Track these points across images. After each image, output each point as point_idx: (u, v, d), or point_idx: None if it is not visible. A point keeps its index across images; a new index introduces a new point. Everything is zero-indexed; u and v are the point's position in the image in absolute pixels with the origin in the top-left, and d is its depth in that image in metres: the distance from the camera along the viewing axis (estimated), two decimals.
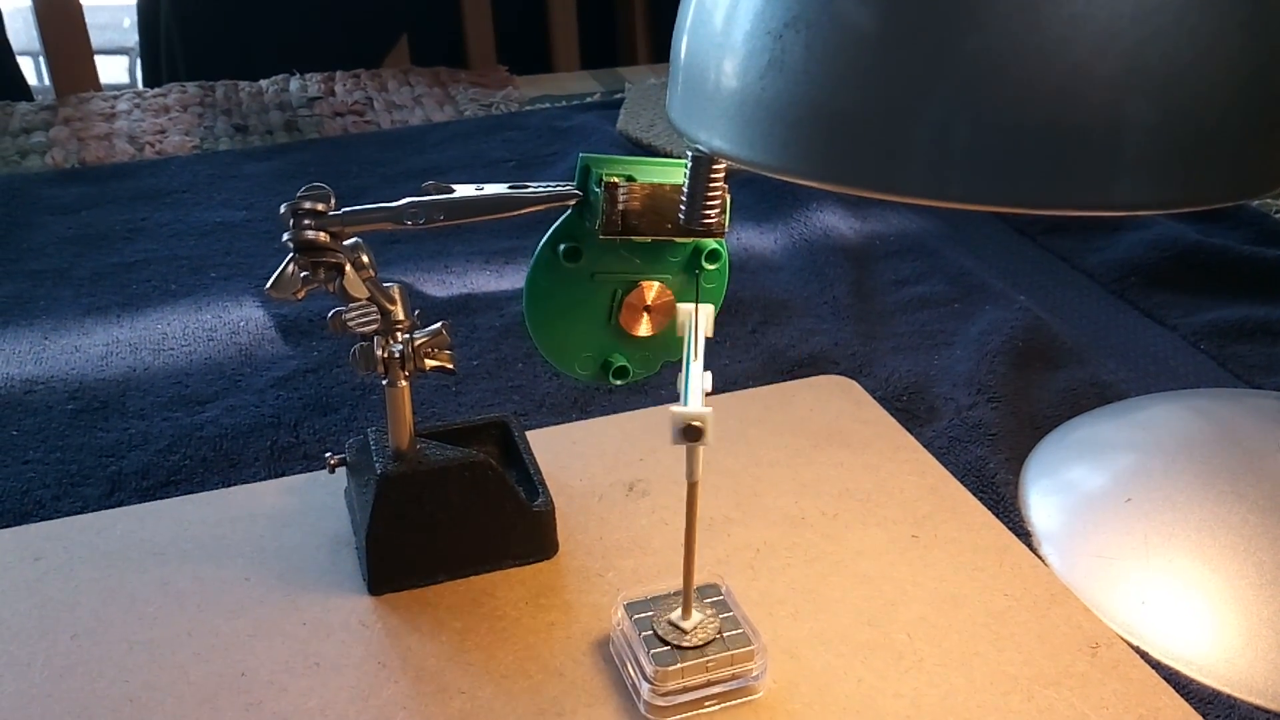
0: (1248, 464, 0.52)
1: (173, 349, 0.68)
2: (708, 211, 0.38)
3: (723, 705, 0.43)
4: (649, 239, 0.41)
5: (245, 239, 0.83)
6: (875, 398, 0.63)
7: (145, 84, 1.39)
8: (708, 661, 0.43)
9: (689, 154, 0.37)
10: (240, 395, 0.64)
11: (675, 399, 0.64)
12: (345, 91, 1.21)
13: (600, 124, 1.05)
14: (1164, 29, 0.31)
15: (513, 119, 1.10)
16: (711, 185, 0.37)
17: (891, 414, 0.62)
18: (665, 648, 0.43)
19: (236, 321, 0.71)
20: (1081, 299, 0.77)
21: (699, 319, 0.38)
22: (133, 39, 1.89)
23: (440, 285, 0.76)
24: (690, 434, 0.38)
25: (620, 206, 0.39)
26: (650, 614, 0.45)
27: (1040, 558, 0.52)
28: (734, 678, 0.43)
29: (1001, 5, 0.32)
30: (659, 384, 0.65)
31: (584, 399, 0.64)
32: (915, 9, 0.32)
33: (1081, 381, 0.66)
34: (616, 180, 0.39)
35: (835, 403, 0.63)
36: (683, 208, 0.39)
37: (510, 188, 0.40)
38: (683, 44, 0.37)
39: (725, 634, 0.44)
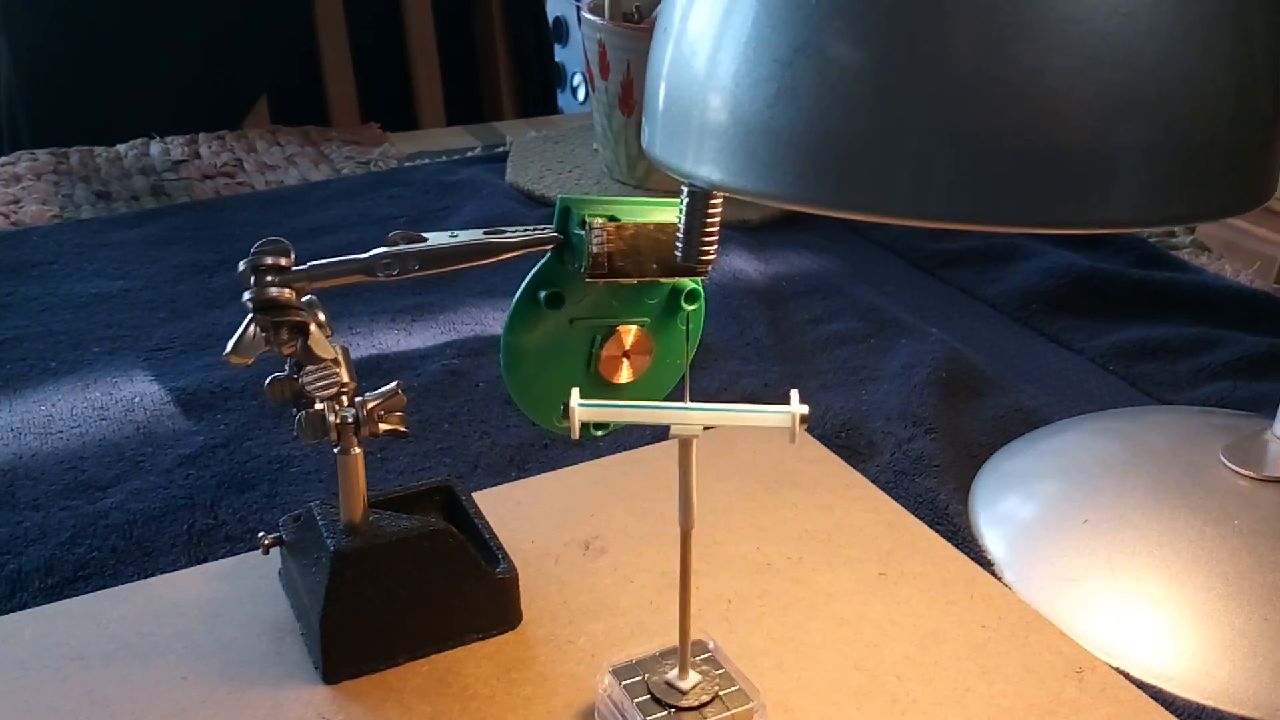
0: (1193, 477, 0.53)
1: (61, 431, 0.63)
2: (705, 247, 0.37)
3: None
4: (634, 280, 0.39)
5: (125, 310, 0.78)
6: (814, 436, 0.63)
7: None
8: None
9: (684, 190, 0.36)
10: (145, 477, 0.59)
11: (610, 451, 0.62)
12: (211, 153, 1.15)
13: (489, 177, 1.03)
14: (1145, 56, 0.31)
15: (395, 175, 1.07)
16: (709, 221, 0.36)
17: (833, 451, 0.61)
18: (663, 712, 0.41)
19: (129, 397, 0.66)
20: (988, 328, 0.79)
21: (688, 362, 0.37)
22: None
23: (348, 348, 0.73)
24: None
25: (606, 248, 0.37)
26: (639, 678, 0.43)
27: (1006, 586, 0.52)
28: None
29: (966, 43, 0.31)
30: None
31: (520, 456, 0.61)
32: (890, 41, 0.32)
33: (1007, 409, 0.67)
34: (601, 221, 0.37)
35: (777, 443, 0.62)
36: (679, 245, 0.37)
37: (486, 234, 0.38)
38: (660, 86, 0.36)
39: (722, 692, 0.42)
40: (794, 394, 0.35)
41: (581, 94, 2.01)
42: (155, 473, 0.59)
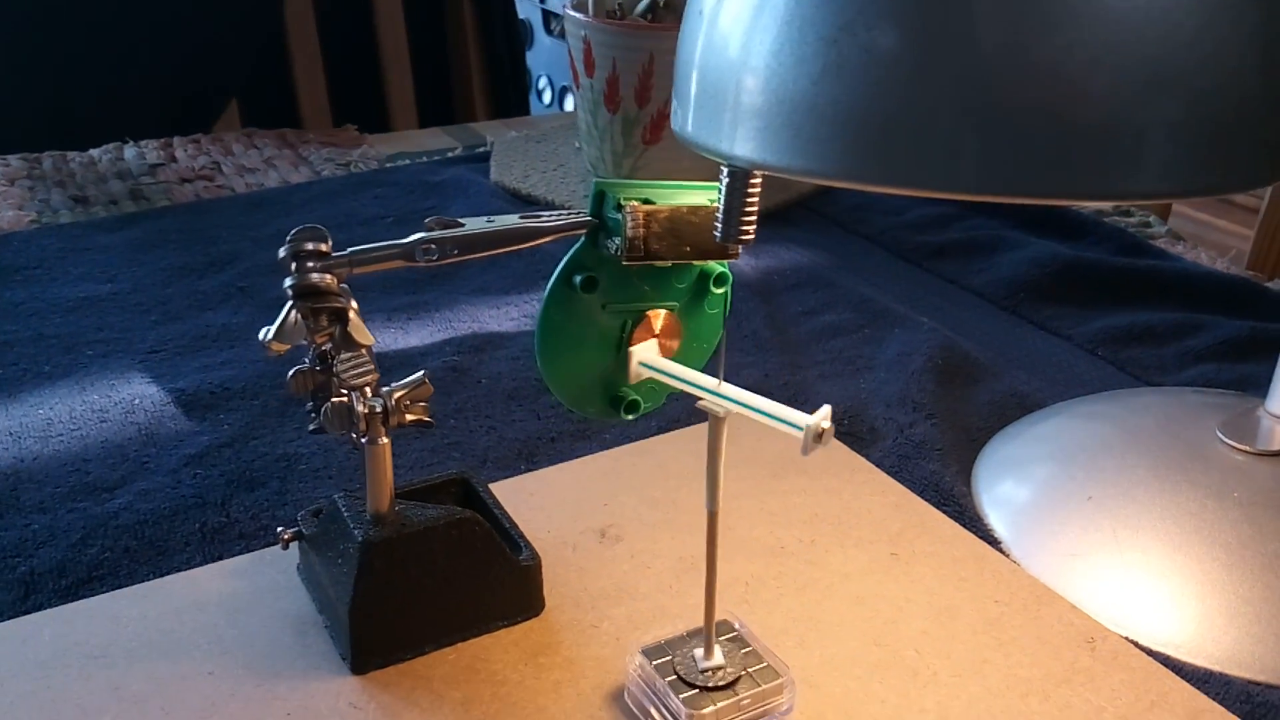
0: (1192, 454, 0.54)
1: (61, 435, 0.62)
2: (745, 227, 0.37)
3: None
4: (669, 263, 0.40)
5: (116, 313, 0.77)
6: None
7: None
8: (740, 699, 0.41)
9: (723, 170, 0.36)
10: (151, 478, 0.59)
11: (618, 443, 0.62)
12: (187, 157, 1.14)
13: (473, 176, 1.03)
14: (1184, 30, 0.32)
15: (378, 176, 1.07)
16: (749, 200, 0.37)
17: (837, 438, 0.62)
18: (693, 690, 0.42)
19: (128, 400, 0.66)
20: (977, 317, 0.80)
21: (723, 345, 0.37)
22: None
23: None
24: (824, 437, 0.37)
25: (643, 231, 0.38)
26: (668, 658, 0.43)
27: (1015, 562, 0.53)
28: (765, 713, 0.42)
29: (1013, 21, 0.32)
30: (600, 429, 0.64)
31: (528, 450, 0.62)
32: (935, 17, 0.32)
33: (1002, 394, 0.68)
34: (636, 204, 0.38)
35: (782, 431, 0.62)
36: (718, 225, 0.38)
37: (521, 218, 0.38)
38: (693, 68, 0.36)
39: (750, 669, 0.43)
40: (826, 410, 0.36)
41: (547, 97, 2.01)
42: (161, 473, 0.59)
